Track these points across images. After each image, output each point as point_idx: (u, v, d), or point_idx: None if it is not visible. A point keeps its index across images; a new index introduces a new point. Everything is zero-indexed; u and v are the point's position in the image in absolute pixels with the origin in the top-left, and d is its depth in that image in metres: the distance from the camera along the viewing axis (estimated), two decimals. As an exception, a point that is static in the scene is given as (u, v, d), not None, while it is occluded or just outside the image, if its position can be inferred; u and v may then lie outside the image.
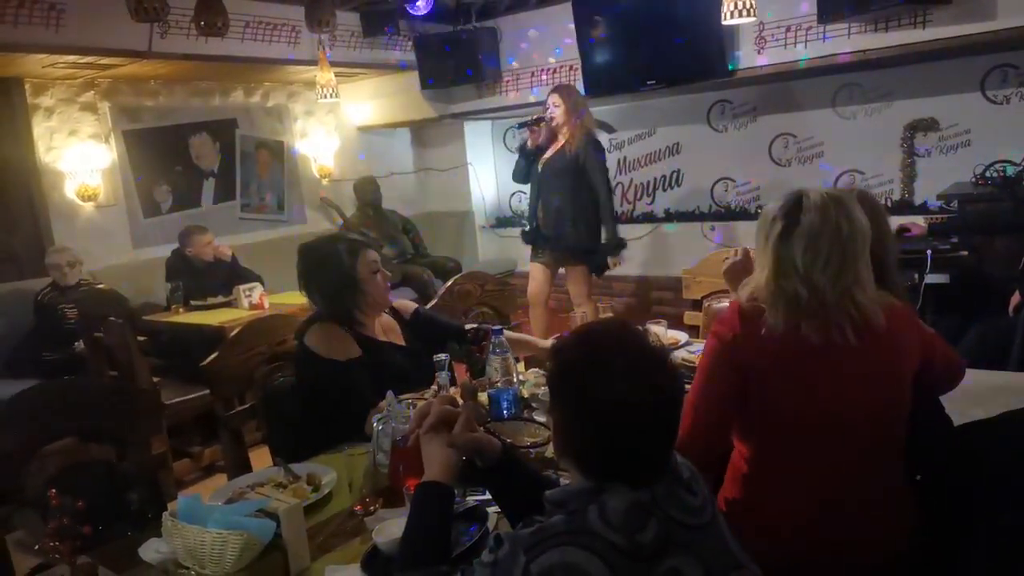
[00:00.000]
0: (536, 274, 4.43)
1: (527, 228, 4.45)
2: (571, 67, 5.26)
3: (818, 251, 1.45)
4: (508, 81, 5.64)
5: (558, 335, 1.91)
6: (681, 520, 1.03)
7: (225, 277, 4.51)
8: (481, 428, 1.40)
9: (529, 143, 4.31)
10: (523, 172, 4.40)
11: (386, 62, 5.58)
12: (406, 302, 2.57)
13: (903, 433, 1.56)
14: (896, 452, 1.56)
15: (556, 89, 4.27)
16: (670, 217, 5.78)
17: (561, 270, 4.44)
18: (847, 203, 1.49)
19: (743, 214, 5.46)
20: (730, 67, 4.59)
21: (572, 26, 5.02)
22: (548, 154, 4.24)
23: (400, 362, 2.28)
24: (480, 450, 1.31)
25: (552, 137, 4.26)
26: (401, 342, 2.39)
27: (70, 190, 4.79)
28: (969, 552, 1.44)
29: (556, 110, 4.14)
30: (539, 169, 4.27)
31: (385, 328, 2.38)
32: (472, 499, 1.55)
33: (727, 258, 2.04)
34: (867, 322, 1.47)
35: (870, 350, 1.48)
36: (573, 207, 4.16)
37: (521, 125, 4.46)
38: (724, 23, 3.82)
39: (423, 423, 1.33)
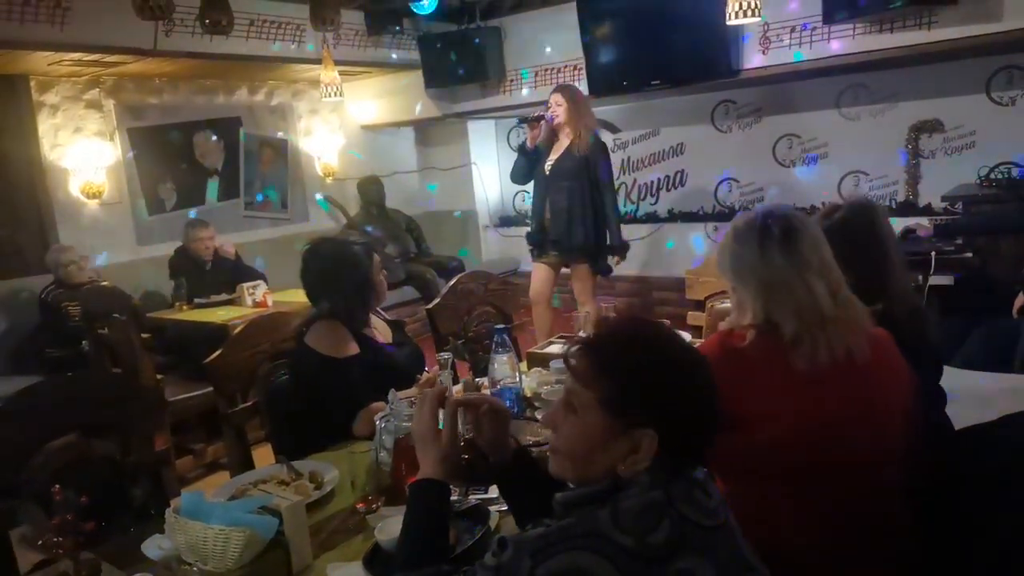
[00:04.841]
0: (540, 274, 4.42)
1: (531, 228, 4.44)
2: (575, 67, 5.26)
3: (823, 253, 1.39)
4: (512, 80, 5.64)
5: (560, 335, 1.90)
6: (696, 520, 1.02)
7: (228, 275, 4.52)
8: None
9: (528, 142, 4.29)
10: (522, 172, 4.35)
11: (390, 61, 5.58)
12: None
13: (900, 471, 1.44)
14: (894, 488, 1.45)
15: (559, 88, 4.23)
16: (673, 217, 5.78)
17: (565, 269, 4.44)
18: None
19: (747, 215, 5.45)
20: (734, 68, 4.59)
21: (577, 25, 5.02)
22: (555, 155, 4.21)
23: (397, 361, 2.31)
24: (497, 446, 1.31)
25: (553, 137, 4.23)
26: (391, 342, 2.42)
27: (75, 187, 4.80)
28: (969, 555, 1.43)
29: (559, 109, 4.12)
30: (546, 170, 4.25)
31: (379, 329, 2.41)
32: (474, 497, 1.55)
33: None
34: (870, 339, 1.39)
35: (860, 374, 1.37)
36: (581, 208, 4.14)
37: (521, 121, 4.45)
38: (729, 23, 3.80)
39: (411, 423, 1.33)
